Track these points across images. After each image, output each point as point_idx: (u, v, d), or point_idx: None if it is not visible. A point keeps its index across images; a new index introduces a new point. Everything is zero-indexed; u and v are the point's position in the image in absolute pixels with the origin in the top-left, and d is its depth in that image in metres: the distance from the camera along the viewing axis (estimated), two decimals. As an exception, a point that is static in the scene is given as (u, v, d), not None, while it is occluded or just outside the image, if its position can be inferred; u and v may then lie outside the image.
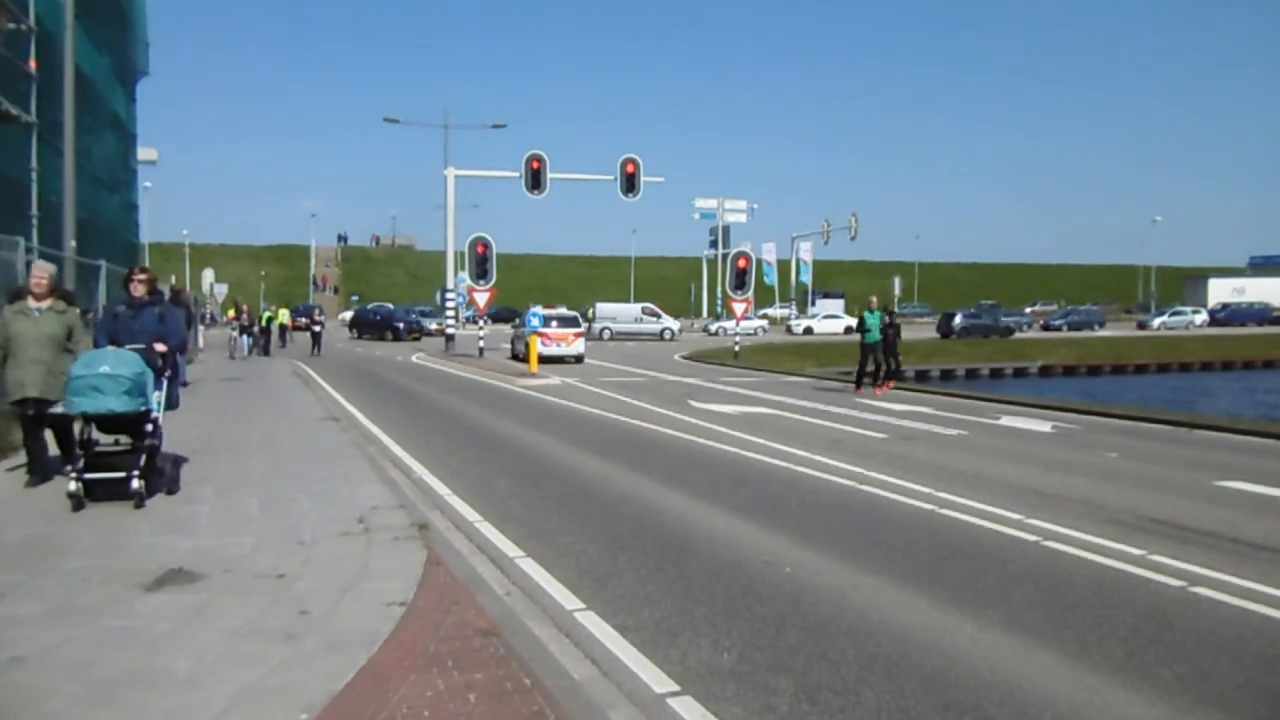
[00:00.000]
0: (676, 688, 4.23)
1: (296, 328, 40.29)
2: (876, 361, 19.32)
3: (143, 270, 8.21)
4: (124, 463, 7.24)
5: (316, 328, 33.30)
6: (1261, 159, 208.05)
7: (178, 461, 8.39)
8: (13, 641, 4.35)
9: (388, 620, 4.73)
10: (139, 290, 7.93)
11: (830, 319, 58.11)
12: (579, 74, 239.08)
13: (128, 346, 7.45)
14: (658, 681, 4.30)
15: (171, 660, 4.17)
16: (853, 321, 57.76)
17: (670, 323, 49.97)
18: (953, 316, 52.17)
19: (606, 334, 46.14)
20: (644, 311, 50.33)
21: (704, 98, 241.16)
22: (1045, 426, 14.24)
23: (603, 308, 49.62)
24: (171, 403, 8.01)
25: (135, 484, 7.12)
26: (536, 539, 6.90)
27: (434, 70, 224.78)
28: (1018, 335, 52.31)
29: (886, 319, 19.31)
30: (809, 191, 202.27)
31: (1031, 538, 7.05)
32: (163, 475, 7.75)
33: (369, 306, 57.89)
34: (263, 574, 5.51)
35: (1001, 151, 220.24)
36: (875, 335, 18.93)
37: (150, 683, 3.93)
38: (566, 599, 5.50)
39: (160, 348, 7.76)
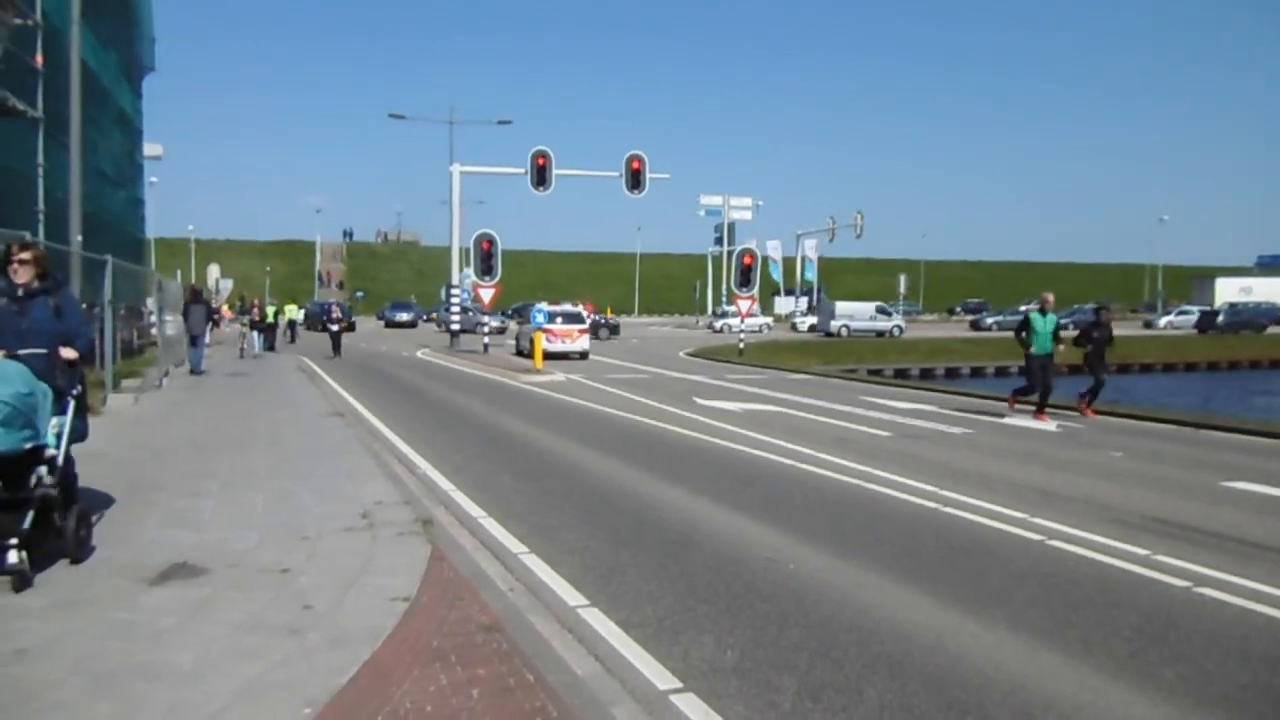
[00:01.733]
0: (679, 685, 4.23)
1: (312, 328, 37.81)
2: (1046, 383, 14.95)
3: (24, 247, 5.88)
4: None
5: (334, 326, 29.26)
6: (1268, 158, 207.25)
7: (86, 517, 5.80)
8: (17, 634, 4.36)
9: (391, 615, 4.74)
10: (23, 275, 5.65)
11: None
12: (585, 70, 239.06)
13: (18, 352, 5.42)
14: (661, 678, 4.30)
15: (175, 654, 4.18)
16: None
17: (898, 320, 53.75)
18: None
19: (844, 332, 50.85)
20: (877, 310, 54.31)
21: (710, 95, 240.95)
22: (1050, 426, 14.20)
23: (842, 306, 54.06)
24: (79, 433, 5.91)
25: (12, 558, 4.97)
26: (540, 535, 6.91)
27: (440, 66, 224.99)
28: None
29: (1095, 318, 15.79)
30: (815, 189, 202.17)
31: (1036, 537, 7.03)
32: (63, 536, 5.43)
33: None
34: (266, 569, 5.52)
35: (1008, 150, 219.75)
36: (1045, 345, 14.91)
37: (154, 676, 3.94)
38: (570, 595, 5.50)
39: (67, 354, 5.70)
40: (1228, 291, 69.66)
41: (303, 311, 43.36)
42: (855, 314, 53.04)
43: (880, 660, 4.57)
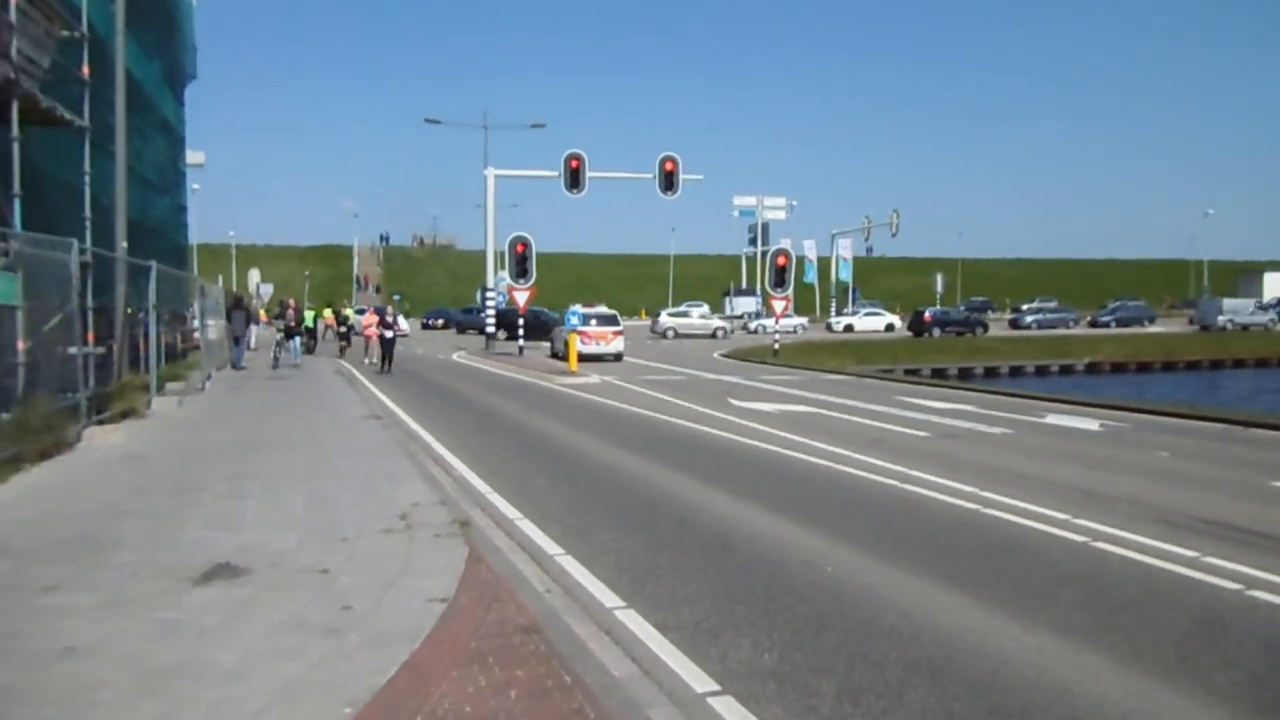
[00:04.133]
0: (717, 687, 4.20)
1: (369, 334, 26.25)
2: None
3: None
4: None
5: (388, 333, 24.04)
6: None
7: None
8: (66, 632, 4.45)
9: (429, 616, 4.76)
10: None
11: (871, 316, 57.41)
12: (618, 73, 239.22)
13: None
14: (698, 681, 4.27)
15: (218, 653, 4.24)
16: (894, 319, 57.33)
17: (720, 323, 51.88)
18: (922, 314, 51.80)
19: (1230, 326, 52.55)
20: (1258, 306, 57.26)
21: (743, 95, 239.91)
22: (1093, 425, 13.94)
23: (1229, 303, 56.58)
24: None
25: None
26: (576, 537, 6.91)
27: (474, 71, 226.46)
28: (1062, 331, 51.31)
29: None
30: (849, 189, 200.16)
31: (1079, 538, 6.89)
32: None
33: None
34: (306, 569, 5.58)
35: (1048, 145, 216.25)
36: None
37: (197, 675, 4.00)
38: (606, 597, 5.50)
39: None
40: (1276, 286, 67.87)
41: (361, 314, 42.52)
42: (1238, 310, 55.02)
43: (921, 664, 4.50)
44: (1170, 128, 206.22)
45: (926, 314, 51.90)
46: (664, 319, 50.39)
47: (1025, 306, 61.26)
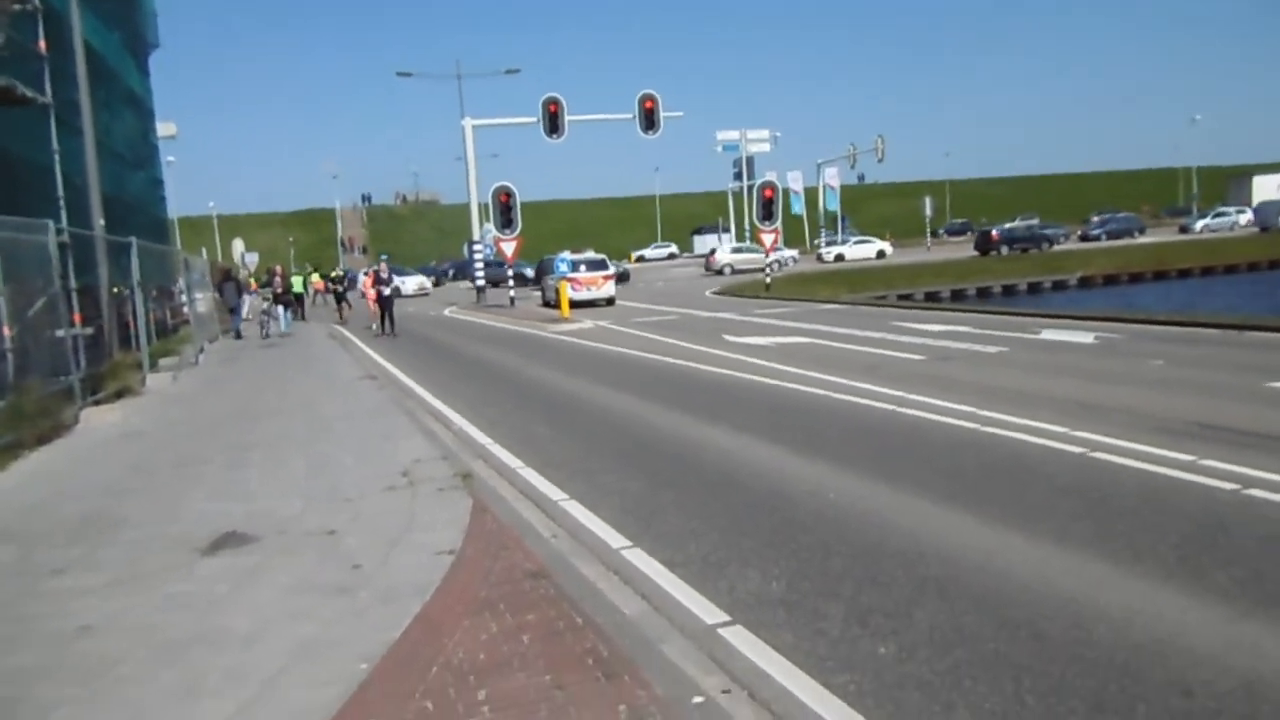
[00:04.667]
0: (727, 618, 4.26)
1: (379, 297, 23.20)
2: None
3: None
4: None
5: (386, 290, 22.81)
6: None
7: None
8: (79, 611, 4.48)
9: (438, 569, 4.80)
10: None
11: (861, 244, 57.18)
12: (591, 13, 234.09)
13: None
14: (708, 613, 4.33)
15: (231, 620, 4.28)
16: (885, 246, 57.06)
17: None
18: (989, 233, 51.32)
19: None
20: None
21: (722, 29, 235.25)
22: (1087, 338, 13.97)
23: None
24: None
25: None
26: (579, 481, 6.95)
27: (444, 22, 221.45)
28: (1057, 248, 51.21)
29: None
30: (833, 117, 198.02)
31: (1077, 450, 6.95)
32: None
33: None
34: (313, 532, 5.61)
35: (1028, 59, 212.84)
36: None
37: (212, 643, 4.03)
38: (612, 538, 5.54)
39: None
40: (1266, 189, 67.51)
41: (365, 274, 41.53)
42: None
43: (928, 583, 4.56)
44: (1151, 34, 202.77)
45: (994, 232, 51.42)
46: (722, 255, 49.56)
47: (1008, 226, 60.28)
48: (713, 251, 52.71)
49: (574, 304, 25.98)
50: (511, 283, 32.85)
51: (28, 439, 8.89)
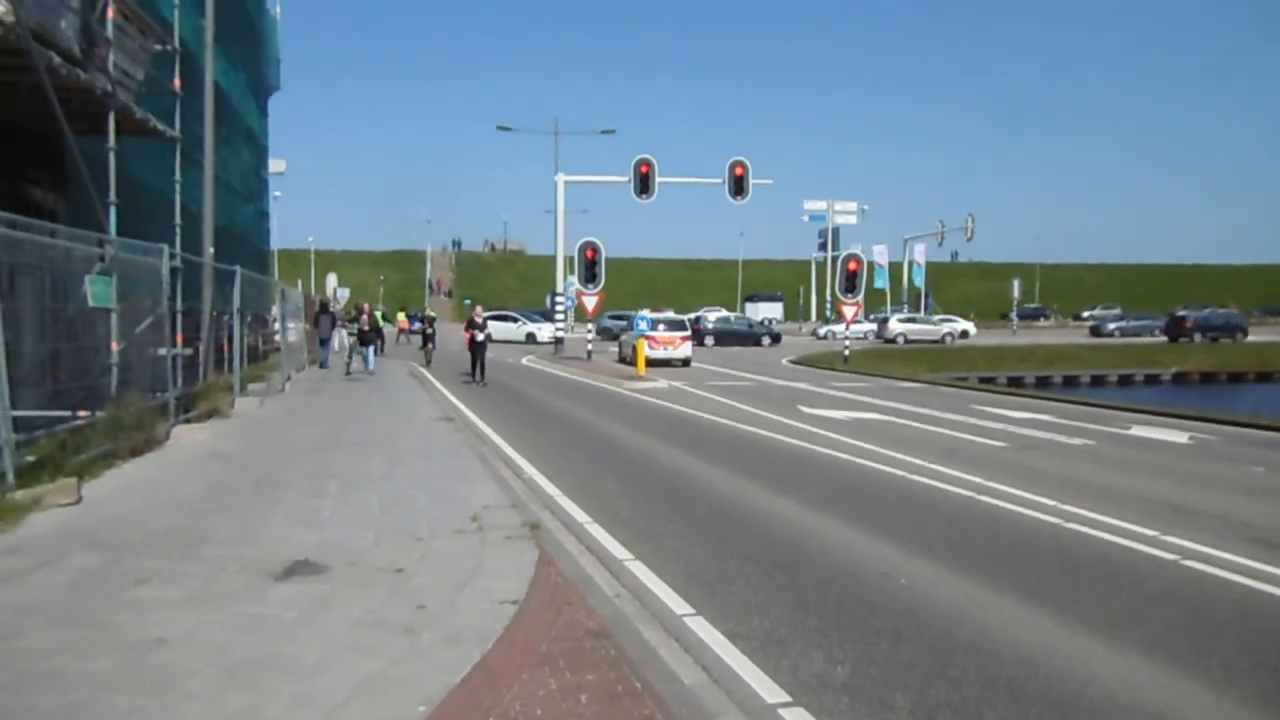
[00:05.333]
0: (788, 698, 4.15)
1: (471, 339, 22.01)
2: None
3: None
4: None
5: (480, 335, 21.57)
6: None
7: None
8: (156, 624, 4.63)
9: (501, 618, 4.81)
10: None
11: (946, 323, 56.21)
12: (687, 77, 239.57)
13: None
14: (769, 691, 4.22)
15: (300, 648, 4.35)
16: (968, 325, 55.96)
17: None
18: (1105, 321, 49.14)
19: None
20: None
21: (814, 99, 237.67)
22: (1181, 437, 13.38)
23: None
24: None
25: None
26: (645, 542, 6.91)
27: (544, 77, 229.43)
28: (1145, 340, 49.44)
29: None
30: (923, 192, 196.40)
31: (1169, 556, 6.62)
32: None
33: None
34: (383, 568, 5.70)
35: (1131, 146, 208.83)
36: None
37: (280, 668, 4.10)
38: (676, 603, 5.48)
39: None
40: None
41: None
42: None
43: (1000, 682, 4.37)
44: (1265, 122, 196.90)
45: (1186, 319, 48.77)
46: (894, 325, 49.74)
47: (1205, 312, 56.34)
48: (885, 318, 52.67)
49: (650, 362, 26.12)
50: (590, 336, 33.23)
51: (123, 450, 9.29)
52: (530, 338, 44.66)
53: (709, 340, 43.33)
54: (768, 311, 59.67)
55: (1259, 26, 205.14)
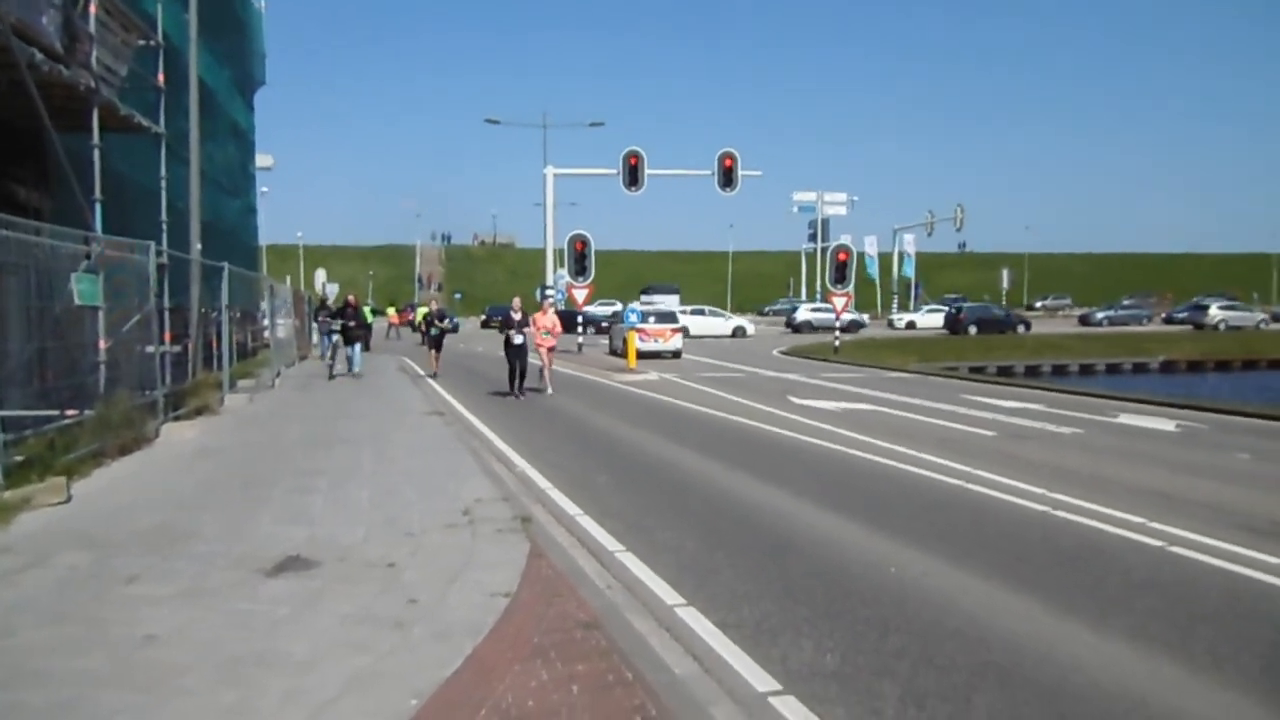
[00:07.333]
0: (779, 687, 4.18)
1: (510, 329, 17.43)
2: None
3: None
4: None
5: (517, 338, 16.97)
6: None
7: None
8: (147, 620, 4.62)
9: (492, 611, 4.83)
10: None
11: (934, 313, 56.36)
12: (676, 70, 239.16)
13: None
14: (760, 680, 4.25)
15: (290, 644, 4.36)
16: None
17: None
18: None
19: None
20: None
21: (803, 91, 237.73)
22: (1169, 425, 13.48)
23: None
24: None
25: None
26: (636, 534, 6.93)
27: (532, 70, 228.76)
28: (1134, 329, 49.72)
29: None
30: (912, 183, 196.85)
31: (1156, 543, 6.67)
32: None
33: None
34: (373, 563, 5.70)
35: (1117, 135, 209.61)
36: None
37: (271, 664, 4.11)
38: (667, 594, 5.50)
39: None
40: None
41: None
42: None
43: (989, 669, 4.41)
44: (1253, 110, 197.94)
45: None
46: (802, 313, 50.72)
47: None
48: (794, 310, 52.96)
49: (641, 354, 26.13)
50: (581, 329, 33.21)
51: (111, 449, 9.26)
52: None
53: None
54: (668, 303, 58.56)
55: (1252, 15, 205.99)
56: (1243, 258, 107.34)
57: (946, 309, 52.89)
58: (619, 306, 30.50)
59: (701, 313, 49.20)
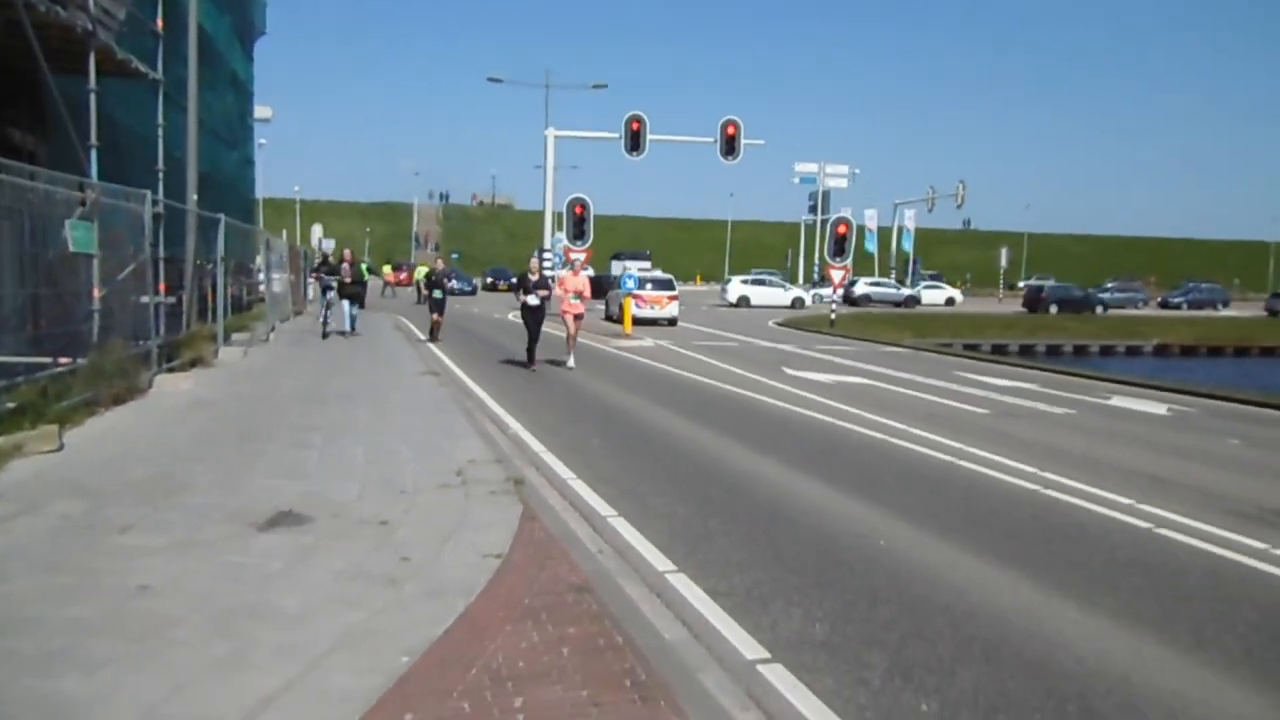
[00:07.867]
0: (767, 655, 4.22)
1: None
2: None
3: None
4: None
5: (533, 300, 15.93)
6: None
7: None
8: (140, 571, 4.63)
9: (484, 571, 4.85)
10: None
11: (931, 289, 56.32)
12: (681, 36, 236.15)
13: None
14: (748, 647, 4.29)
15: (283, 598, 4.38)
16: (955, 293, 56.09)
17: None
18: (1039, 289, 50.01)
19: None
20: None
21: (808, 62, 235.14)
22: (1160, 409, 13.54)
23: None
24: None
25: None
26: (628, 499, 6.96)
27: (537, 32, 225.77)
28: (1131, 312, 49.81)
29: None
30: (914, 158, 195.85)
31: (1143, 524, 6.73)
32: None
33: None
34: (366, 520, 5.71)
35: (1121, 118, 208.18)
36: None
37: (263, 617, 4.13)
38: (658, 560, 5.53)
39: None
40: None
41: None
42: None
43: (975, 642, 4.46)
44: (1255, 100, 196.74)
45: None
46: (734, 286, 49.13)
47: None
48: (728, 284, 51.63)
49: (637, 321, 26.09)
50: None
51: (104, 398, 9.23)
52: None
53: None
54: (645, 269, 57.49)
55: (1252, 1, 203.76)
56: (1238, 244, 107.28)
57: (1026, 288, 52.96)
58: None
59: (761, 282, 48.72)
